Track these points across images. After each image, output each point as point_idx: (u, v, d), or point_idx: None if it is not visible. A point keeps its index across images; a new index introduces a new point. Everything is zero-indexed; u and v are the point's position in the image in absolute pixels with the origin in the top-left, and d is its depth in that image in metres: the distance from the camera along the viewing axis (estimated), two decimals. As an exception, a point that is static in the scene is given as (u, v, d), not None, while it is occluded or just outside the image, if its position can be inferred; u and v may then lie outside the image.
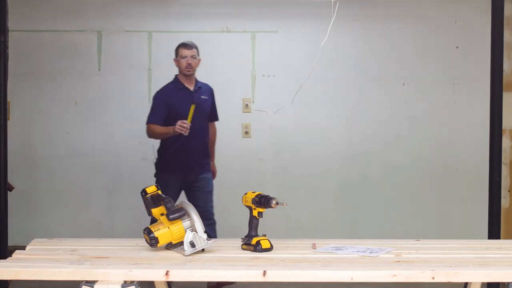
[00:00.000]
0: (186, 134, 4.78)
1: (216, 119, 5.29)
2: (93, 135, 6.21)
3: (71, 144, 6.21)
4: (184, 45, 5.03)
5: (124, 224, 6.13)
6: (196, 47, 5.06)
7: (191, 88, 5.05)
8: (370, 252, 2.65)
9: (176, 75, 5.09)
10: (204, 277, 2.33)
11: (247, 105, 6.20)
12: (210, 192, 5.09)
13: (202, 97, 5.07)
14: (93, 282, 2.26)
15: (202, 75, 5.15)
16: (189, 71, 5.00)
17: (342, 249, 2.73)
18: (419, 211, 6.22)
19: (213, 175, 5.19)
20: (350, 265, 2.44)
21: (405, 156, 6.22)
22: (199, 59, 5.08)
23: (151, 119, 5.02)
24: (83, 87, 6.21)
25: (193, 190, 5.01)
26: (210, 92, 5.19)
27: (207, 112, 5.13)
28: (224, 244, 2.78)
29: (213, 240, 2.63)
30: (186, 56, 4.99)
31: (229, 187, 5.82)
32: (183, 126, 4.76)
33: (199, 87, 5.10)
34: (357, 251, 2.68)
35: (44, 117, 6.22)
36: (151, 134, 5.05)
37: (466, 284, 2.78)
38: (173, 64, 5.11)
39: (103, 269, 2.32)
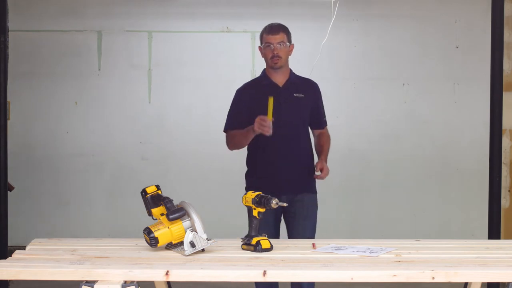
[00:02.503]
0: (269, 134, 3.58)
1: (322, 125, 3.99)
2: (93, 135, 6.21)
3: (71, 144, 6.21)
4: (269, 29, 3.79)
5: (124, 224, 6.12)
6: (285, 30, 3.81)
7: (281, 83, 3.86)
8: (370, 252, 2.65)
9: (264, 70, 3.94)
10: (204, 277, 2.33)
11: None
12: (308, 220, 3.87)
13: (295, 95, 3.86)
14: (93, 282, 2.25)
15: (202, 75, 5.16)
16: (276, 63, 3.77)
17: (342, 249, 2.73)
18: (419, 211, 6.22)
19: (322, 172, 3.77)
20: (350, 265, 2.44)
21: (405, 156, 6.21)
22: (292, 45, 3.85)
23: (227, 125, 3.92)
24: (83, 87, 6.21)
25: (287, 217, 3.85)
26: (310, 89, 3.93)
27: (302, 115, 3.87)
28: (224, 244, 2.78)
29: (213, 240, 2.63)
30: (271, 44, 3.76)
31: (229, 187, 5.82)
32: (263, 124, 3.58)
33: (293, 83, 3.88)
34: (357, 251, 2.68)
35: (44, 117, 6.22)
36: (230, 143, 3.91)
37: (466, 284, 2.77)
38: (173, 64, 5.09)
39: (103, 269, 2.32)
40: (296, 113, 3.84)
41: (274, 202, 2.70)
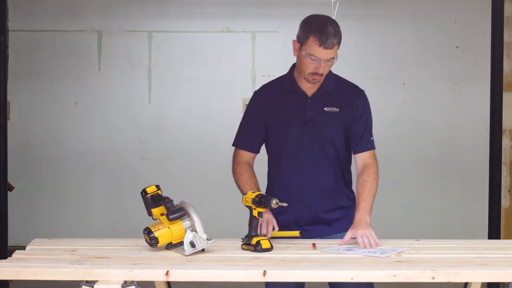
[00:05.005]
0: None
1: (359, 148, 3.09)
2: (93, 135, 6.21)
3: (71, 144, 6.21)
4: (322, 40, 2.84)
5: (124, 224, 6.12)
6: (339, 42, 2.92)
7: (309, 92, 3.01)
8: (381, 253, 2.64)
9: (293, 67, 3.07)
10: (204, 277, 2.33)
11: (247, 105, 6.19)
12: None
13: (326, 109, 2.99)
14: (93, 282, 2.25)
15: (202, 75, 5.16)
16: (315, 79, 2.92)
17: (353, 250, 2.71)
18: (419, 211, 6.22)
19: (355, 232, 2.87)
20: (350, 265, 2.44)
21: (405, 156, 6.21)
22: (336, 59, 2.95)
23: (236, 139, 3.19)
24: (83, 87, 6.21)
25: None
26: (350, 100, 3.06)
27: (334, 136, 3.01)
28: (224, 244, 2.78)
29: (213, 240, 2.63)
30: (317, 59, 2.87)
31: (229, 187, 5.81)
32: (263, 229, 2.87)
33: (327, 92, 3.01)
34: (369, 252, 2.66)
35: (44, 117, 6.22)
36: (234, 173, 3.19)
37: (466, 284, 2.77)
38: (173, 64, 5.06)
39: (103, 269, 2.32)
40: (324, 135, 2.99)
41: (274, 202, 2.69)
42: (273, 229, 2.94)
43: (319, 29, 2.88)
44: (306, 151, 2.98)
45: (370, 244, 2.77)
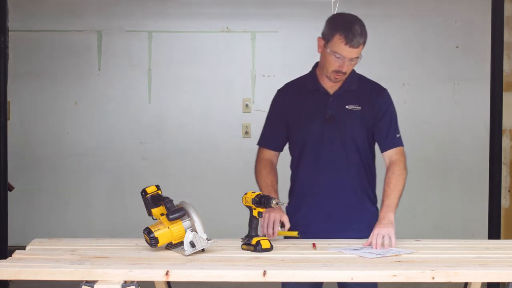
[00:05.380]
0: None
1: (386, 146, 3.07)
2: (93, 135, 6.21)
3: (71, 144, 6.21)
4: (348, 38, 2.86)
5: (124, 224, 6.12)
6: (365, 41, 2.94)
7: (331, 90, 3.02)
8: (377, 254, 2.64)
9: (315, 66, 3.09)
10: (204, 277, 2.33)
11: (247, 105, 6.20)
12: None
13: (348, 107, 3.00)
14: (93, 282, 2.25)
15: (202, 75, 5.16)
16: (337, 78, 2.94)
17: (359, 250, 2.71)
18: (419, 211, 6.22)
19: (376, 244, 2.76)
20: (350, 265, 2.44)
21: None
22: (360, 58, 2.96)
23: (261, 139, 3.15)
24: (83, 87, 6.21)
25: None
26: (372, 99, 3.04)
27: (356, 134, 3.01)
28: (224, 244, 2.78)
29: (213, 240, 2.63)
30: (341, 57, 2.88)
31: (229, 187, 5.82)
32: (268, 230, 2.92)
33: (349, 90, 3.02)
34: (377, 254, 2.64)
35: (44, 117, 6.22)
36: (255, 163, 3.13)
37: (466, 284, 2.77)
38: (173, 64, 5.07)
39: (103, 269, 2.32)
40: (345, 133, 2.98)
41: (274, 202, 2.69)
42: (283, 226, 2.96)
43: (345, 27, 2.88)
44: (326, 149, 2.97)
45: (383, 245, 2.74)
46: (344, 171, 2.99)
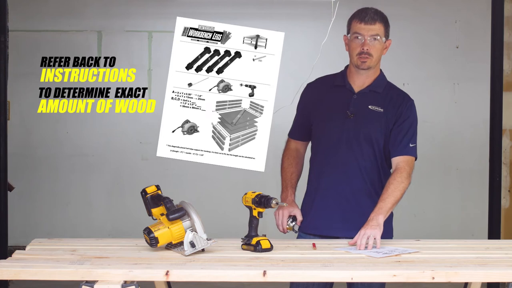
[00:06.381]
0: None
1: (402, 152, 2.97)
2: (93, 135, 6.21)
3: (71, 144, 6.21)
4: (361, 16, 2.95)
5: (124, 224, 6.12)
6: (383, 20, 2.95)
7: (357, 88, 3.00)
8: (377, 253, 2.64)
9: (346, 67, 3.11)
10: (204, 277, 2.33)
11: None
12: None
13: (371, 107, 2.96)
14: (93, 282, 2.25)
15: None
16: (364, 61, 2.91)
17: (365, 250, 2.71)
18: (419, 211, 6.22)
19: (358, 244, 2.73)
20: (350, 265, 2.44)
21: (405, 156, 6.21)
22: (389, 41, 2.98)
23: (290, 130, 3.21)
24: (83, 87, 6.21)
25: None
26: (396, 105, 2.98)
27: (375, 134, 2.95)
28: (224, 244, 2.78)
29: (213, 240, 2.63)
30: (360, 35, 2.91)
31: (229, 187, 5.82)
32: (281, 226, 3.06)
33: (374, 91, 2.98)
34: (383, 253, 2.64)
35: (44, 117, 6.22)
36: (283, 153, 3.22)
37: (466, 284, 2.77)
38: (173, 64, 5.09)
39: (103, 269, 2.32)
40: (363, 133, 2.94)
41: (274, 202, 2.69)
42: (295, 220, 3.04)
43: (359, 11, 2.99)
44: (344, 147, 2.94)
45: (367, 245, 2.72)
46: (358, 171, 2.96)
